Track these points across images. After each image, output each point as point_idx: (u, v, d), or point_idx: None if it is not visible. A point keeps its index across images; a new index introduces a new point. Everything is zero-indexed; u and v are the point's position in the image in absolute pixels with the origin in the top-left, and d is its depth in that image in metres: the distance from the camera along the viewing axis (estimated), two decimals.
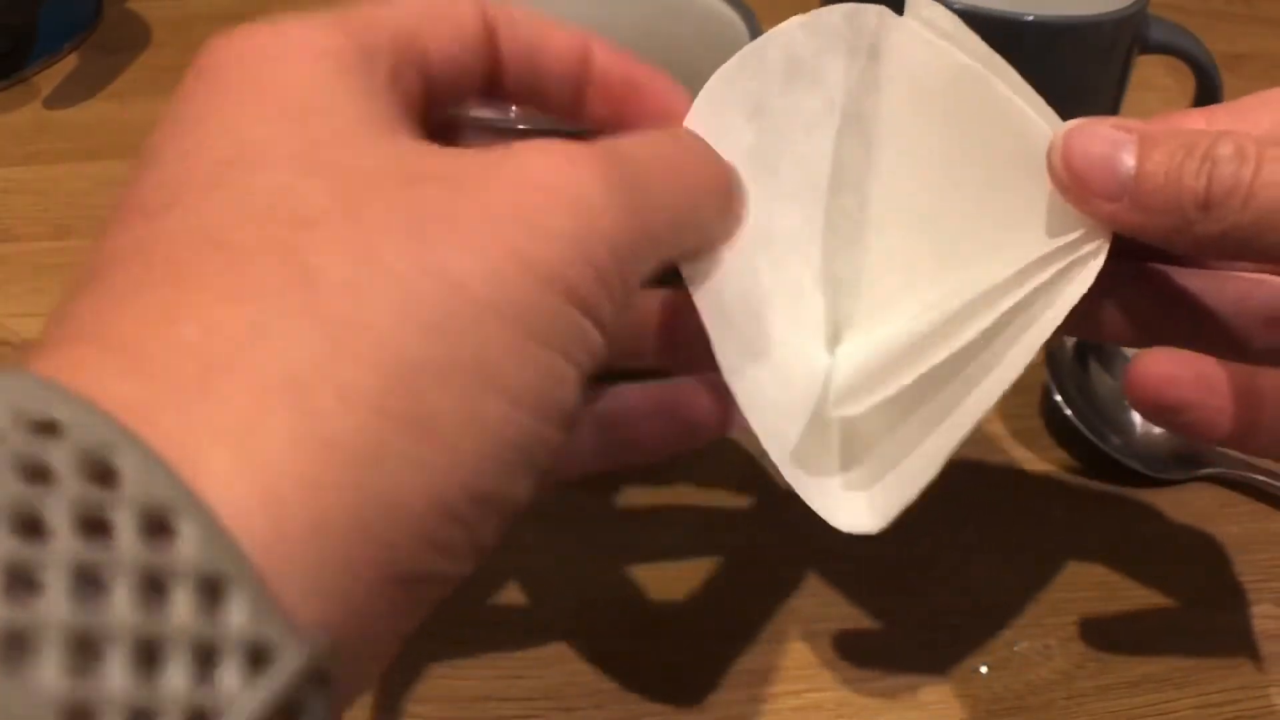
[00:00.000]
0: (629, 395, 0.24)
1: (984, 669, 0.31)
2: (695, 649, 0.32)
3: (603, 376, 0.18)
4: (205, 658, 0.12)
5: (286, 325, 0.14)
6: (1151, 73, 0.55)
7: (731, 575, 0.34)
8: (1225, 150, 0.20)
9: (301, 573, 0.13)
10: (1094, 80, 0.40)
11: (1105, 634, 0.32)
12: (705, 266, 0.22)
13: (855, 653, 0.32)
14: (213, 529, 0.13)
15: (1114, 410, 0.37)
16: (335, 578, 0.14)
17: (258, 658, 0.12)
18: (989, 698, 0.31)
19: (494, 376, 0.15)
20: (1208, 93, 0.43)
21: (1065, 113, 0.24)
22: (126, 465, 0.12)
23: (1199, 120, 0.23)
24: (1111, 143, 0.21)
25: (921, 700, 0.31)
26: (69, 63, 0.58)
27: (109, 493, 0.12)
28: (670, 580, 0.33)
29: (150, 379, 0.14)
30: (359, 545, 0.14)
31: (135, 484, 0.12)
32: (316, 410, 0.14)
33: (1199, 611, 0.33)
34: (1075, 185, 0.21)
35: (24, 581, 0.12)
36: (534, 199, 0.16)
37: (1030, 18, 0.38)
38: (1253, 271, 0.25)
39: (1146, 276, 0.25)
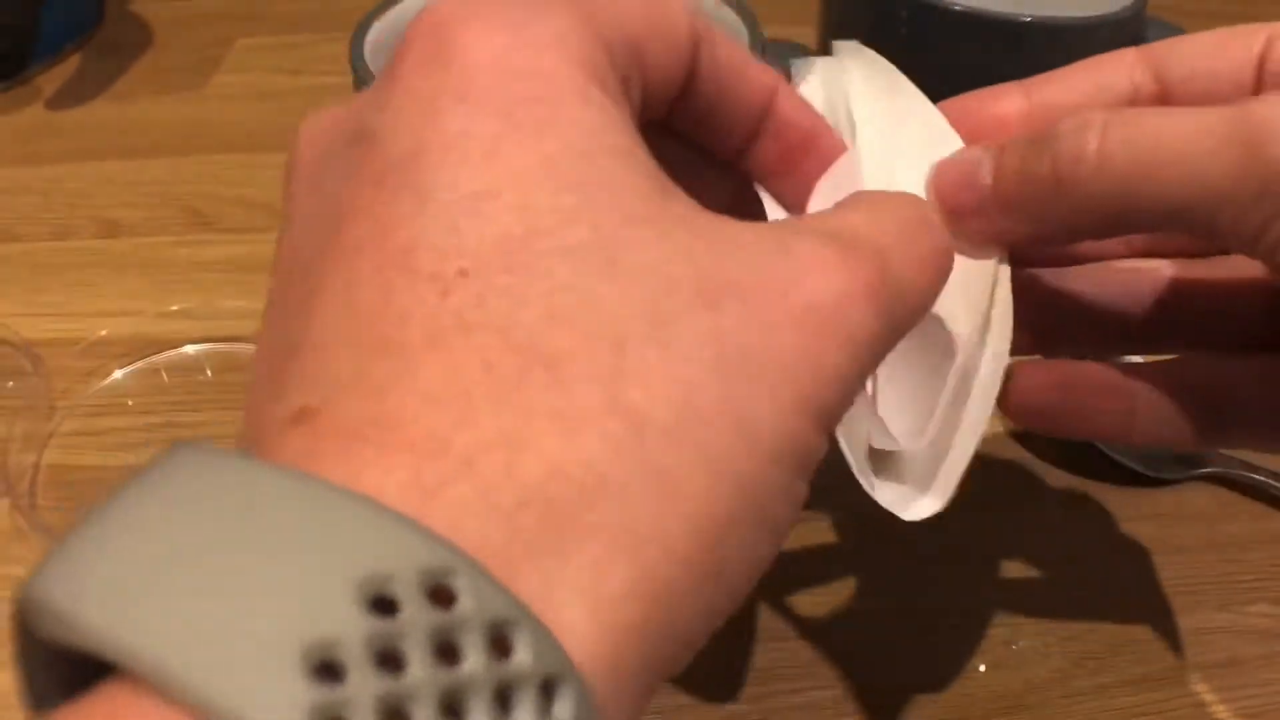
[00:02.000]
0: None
1: (983, 668, 0.32)
2: None
3: None
4: None
5: (620, 473, 0.14)
6: None
7: None
8: (1065, 126, 0.20)
9: (622, 707, 0.15)
10: None
11: (1104, 633, 0.33)
12: None
13: (855, 652, 0.32)
14: (584, 696, 0.13)
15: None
16: (642, 703, 0.15)
17: None
18: (988, 696, 0.31)
19: (771, 519, 0.16)
20: None
21: None
22: (522, 641, 0.13)
23: (1016, 94, 0.24)
24: (971, 162, 0.22)
25: (921, 699, 0.31)
26: (71, 63, 0.58)
27: (512, 669, 0.13)
28: None
29: (508, 525, 0.14)
30: (659, 674, 0.15)
31: (534, 660, 0.13)
32: (646, 564, 0.14)
33: (1197, 611, 0.33)
34: (947, 212, 0.22)
35: None
36: (822, 344, 0.16)
37: (1029, 18, 0.38)
38: (1130, 256, 0.26)
39: (1030, 284, 0.25)
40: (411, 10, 0.37)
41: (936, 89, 0.40)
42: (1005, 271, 0.23)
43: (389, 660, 0.12)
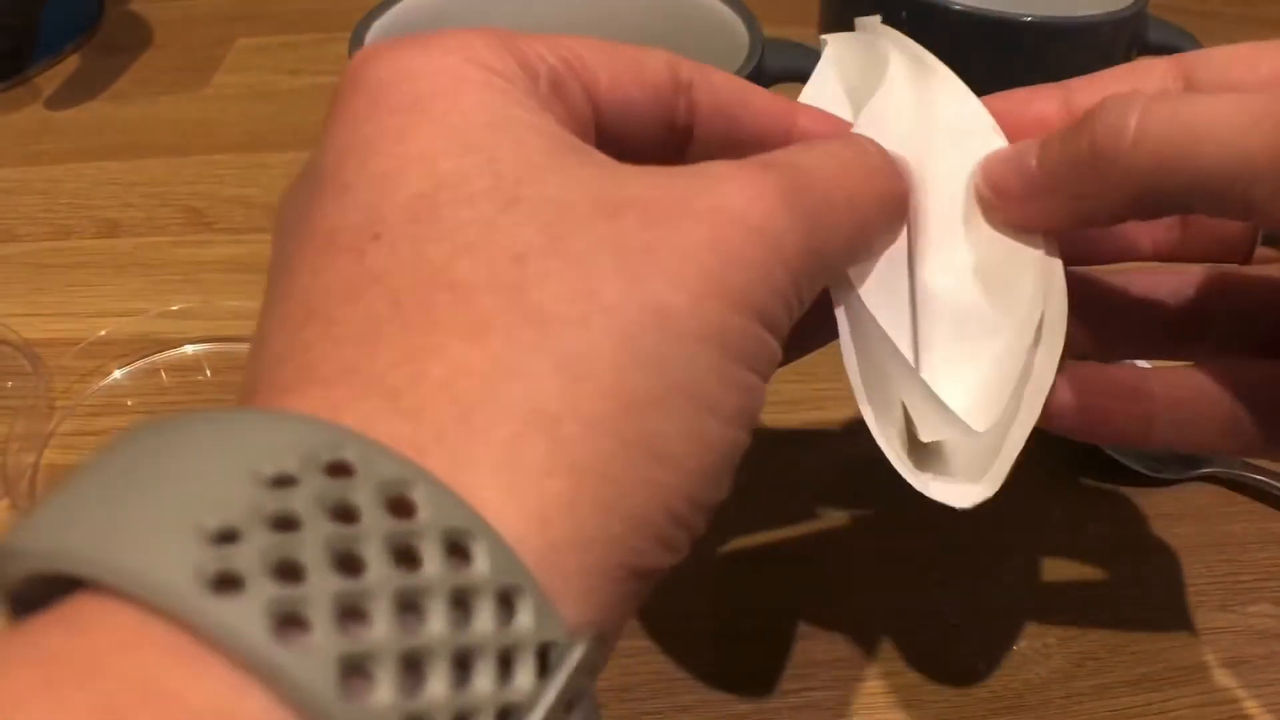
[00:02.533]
0: None
1: (983, 668, 0.32)
2: (693, 649, 0.32)
3: None
4: (505, 661, 0.14)
5: (526, 361, 0.15)
6: None
7: (728, 575, 0.34)
8: (1108, 102, 0.21)
9: (568, 581, 0.15)
10: None
11: (1104, 633, 0.33)
12: (853, 275, 0.22)
13: (854, 652, 0.32)
14: (501, 548, 0.14)
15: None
16: (594, 582, 0.15)
17: (544, 656, 0.14)
18: (988, 696, 0.31)
19: (705, 398, 0.17)
20: None
21: None
22: (421, 497, 0.14)
23: (1056, 95, 0.24)
24: (1017, 151, 0.23)
25: (920, 699, 0.31)
26: (70, 63, 0.58)
27: (411, 524, 0.14)
28: (667, 581, 0.34)
29: (413, 418, 0.15)
30: (611, 554, 0.16)
31: (432, 514, 0.14)
32: (565, 439, 0.15)
33: (1198, 611, 0.33)
34: (997, 198, 0.23)
35: (352, 613, 0.13)
36: (726, 231, 0.17)
37: (1029, 18, 0.38)
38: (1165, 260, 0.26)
39: (1087, 285, 0.26)
40: (411, 10, 0.37)
41: None
42: (1059, 268, 0.23)
43: (284, 524, 0.13)
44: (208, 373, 0.41)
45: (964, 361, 0.23)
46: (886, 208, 0.21)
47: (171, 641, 0.12)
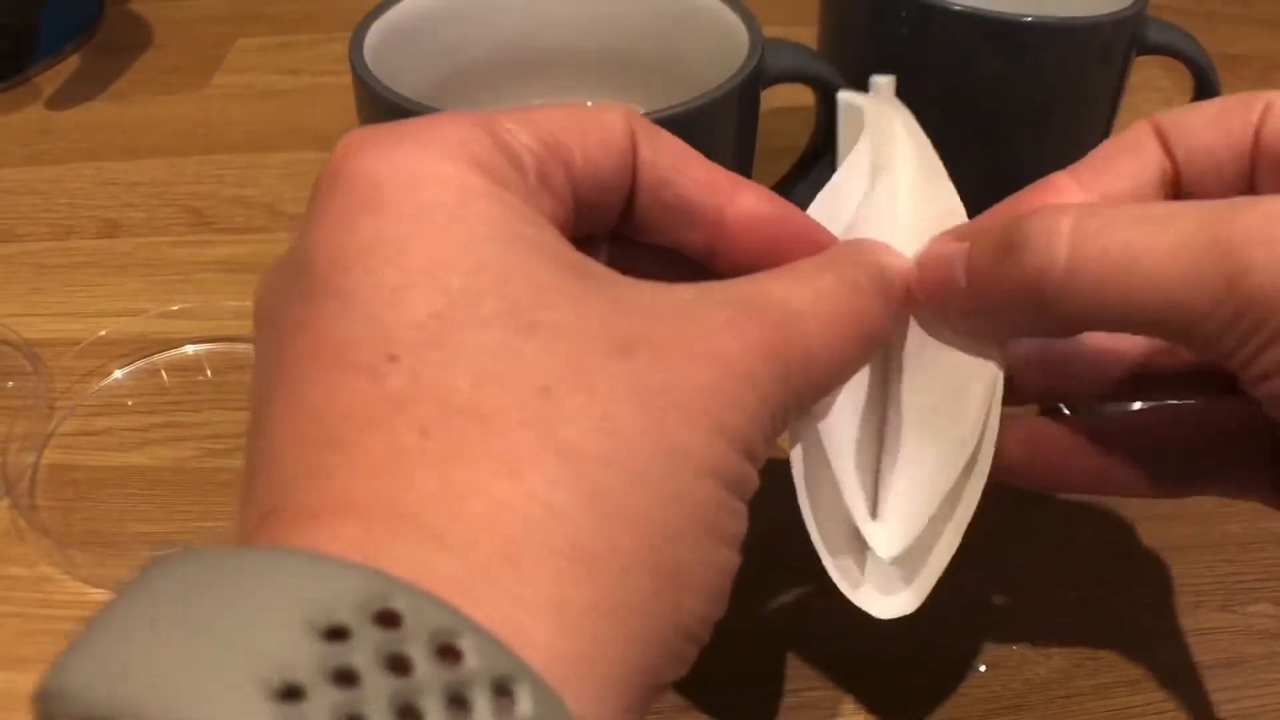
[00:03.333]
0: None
1: (983, 668, 0.32)
2: None
3: None
4: None
5: (563, 499, 0.16)
6: (1150, 74, 0.55)
7: None
8: (1032, 229, 0.20)
9: (607, 711, 0.16)
10: (1092, 81, 0.40)
11: (1104, 633, 0.33)
12: None
13: (854, 652, 0.32)
14: (544, 692, 0.14)
15: (1112, 410, 0.37)
16: (627, 710, 0.16)
17: None
18: (988, 696, 0.31)
19: (715, 528, 0.18)
20: (1206, 94, 0.43)
21: (1064, 114, 0.24)
22: (468, 645, 0.14)
23: (1071, 186, 0.23)
24: (946, 258, 0.22)
25: (920, 699, 0.31)
26: (71, 63, 0.58)
27: (461, 672, 0.14)
28: None
29: (458, 555, 0.15)
30: (645, 682, 0.16)
31: (480, 661, 0.14)
32: (604, 578, 0.16)
33: (1198, 611, 0.33)
34: (930, 303, 0.23)
35: None
36: (725, 376, 0.18)
37: (1029, 19, 0.38)
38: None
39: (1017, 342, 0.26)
40: (411, 10, 0.37)
41: (937, 89, 0.40)
42: (1000, 377, 0.23)
43: (345, 678, 0.13)
44: (208, 373, 0.41)
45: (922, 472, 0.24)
46: (866, 349, 0.21)
47: None
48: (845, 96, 0.27)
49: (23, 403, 0.39)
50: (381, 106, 0.32)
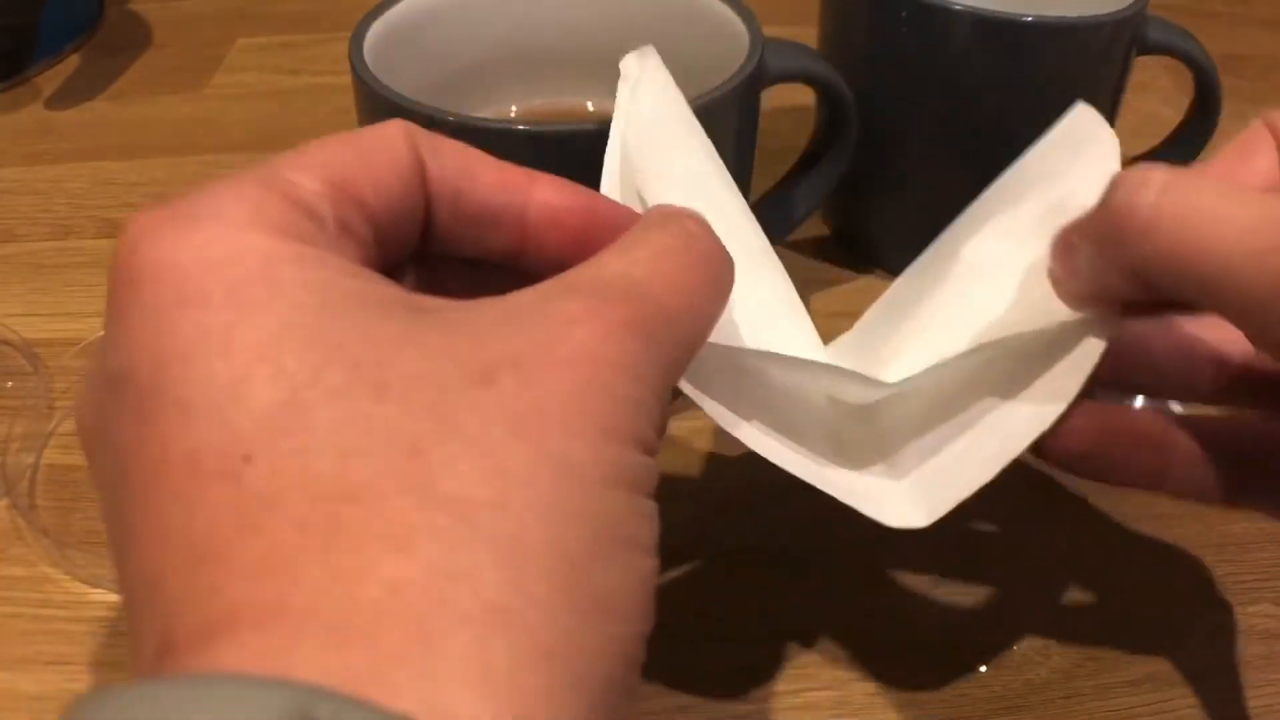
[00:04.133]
0: None
1: (983, 668, 0.32)
2: (693, 649, 0.32)
3: None
4: None
5: (462, 559, 0.15)
6: (1150, 74, 0.55)
7: (728, 575, 0.34)
8: (1125, 178, 0.20)
9: None
10: (1093, 81, 0.40)
11: (1104, 633, 0.32)
12: None
13: (854, 652, 0.32)
14: None
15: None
16: None
17: None
18: (988, 697, 0.31)
19: (627, 538, 0.17)
20: (1206, 94, 0.43)
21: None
22: None
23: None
24: (1070, 227, 0.23)
25: (920, 699, 0.31)
26: (70, 63, 0.58)
27: None
28: (668, 580, 0.34)
29: (365, 648, 0.14)
30: (588, 706, 0.15)
31: None
32: (526, 629, 0.15)
33: (1199, 611, 0.33)
34: (1060, 274, 0.23)
35: None
36: (596, 373, 0.17)
37: (1029, 18, 0.38)
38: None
39: None
40: (411, 10, 0.37)
41: (938, 89, 0.40)
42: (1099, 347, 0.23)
43: None
44: None
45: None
46: (721, 293, 0.21)
47: None
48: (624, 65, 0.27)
49: (23, 403, 0.39)
50: (381, 106, 0.32)
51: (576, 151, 0.28)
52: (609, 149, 0.26)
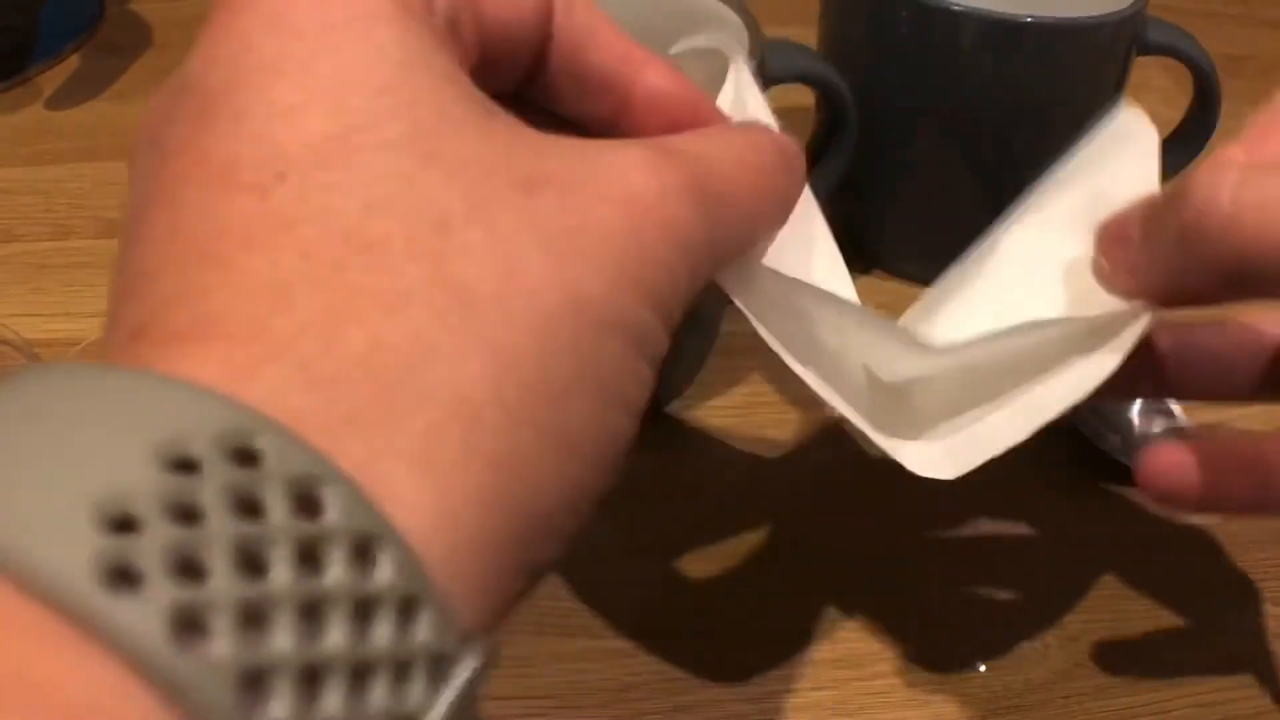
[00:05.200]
0: None
1: (983, 667, 0.32)
2: (695, 649, 0.32)
3: None
4: (400, 672, 0.13)
5: (449, 342, 0.15)
6: (1150, 74, 0.55)
7: (729, 575, 0.34)
8: (1199, 178, 0.20)
9: (469, 583, 0.14)
10: (1092, 81, 0.40)
11: (1103, 633, 0.33)
12: (745, 264, 0.22)
13: (854, 651, 0.32)
14: (407, 556, 0.13)
15: (1111, 409, 0.37)
16: (494, 583, 0.15)
17: (437, 667, 0.13)
18: (987, 696, 0.31)
19: (611, 389, 0.16)
20: (1206, 94, 0.43)
21: (1064, 114, 0.24)
22: (330, 497, 0.13)
23: (1235, 151, 0.23)
24: (1125, 215, 0.23)
25: (920, 698, 0.31)
26: (71, 63, 0.58)
27: (319, 525, 0.13)
28: (670, 580, 0.34)
29: (328, 396, 0.14)
30: (514, 553, 0.15)
31: (341, 517, 0.13)
32: (483, 429, 0.14)
33: (1198, 610, 0.33)
34: (1109, 267, 0.23)
35: (253, 619, 0.12)
36: (640, 222, 0.17)
37: (1029, 19, 0.38)
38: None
39: (1152, 333, 0.25)
40: None
41: (937, 89, 0.40)
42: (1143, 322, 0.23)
43: (187, 515, 0.12)
44: None
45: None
46: (779, 209, 0.21)
47: (48, 629, 0.11)
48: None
49: None
50: None
51: None
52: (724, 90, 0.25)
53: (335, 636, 0.13)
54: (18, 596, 0.11)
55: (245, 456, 0.13)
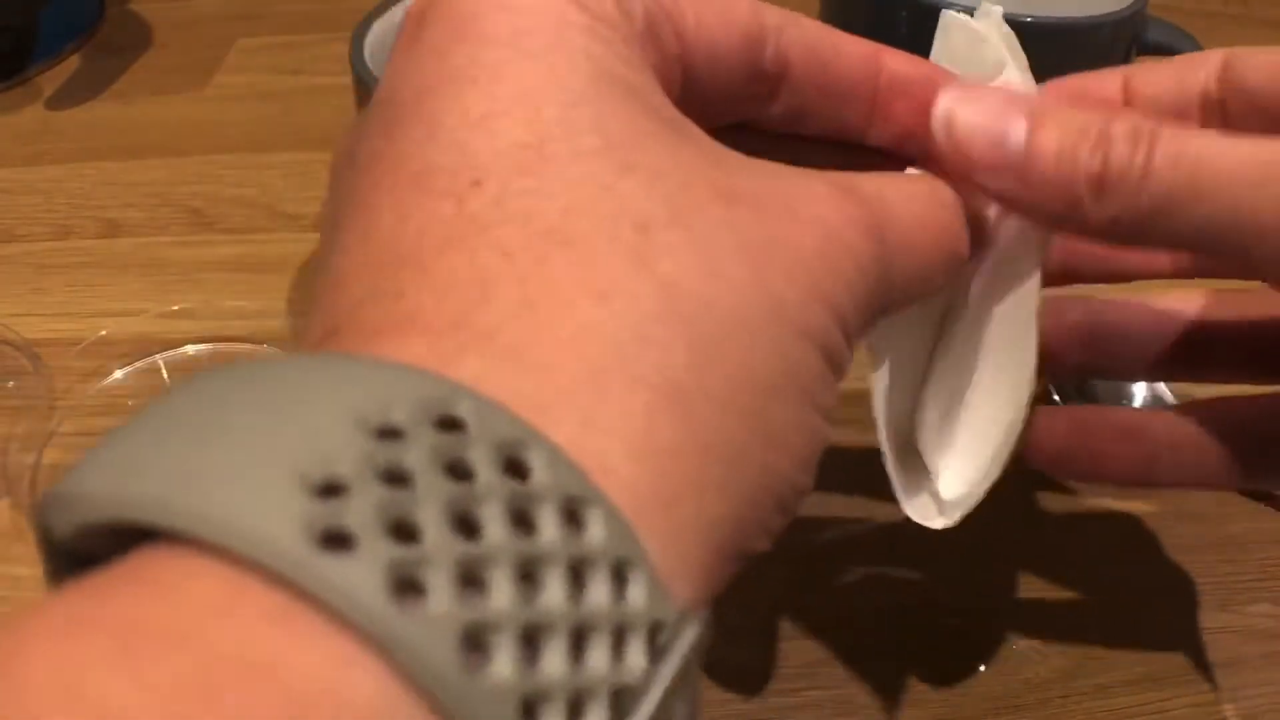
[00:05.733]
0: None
1: (983, 668, 0.32)
2: None
3: None
4: (617, 640, 0.13)
5: (657, 331, 0.15)
6: None
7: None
8: (1117, 130, 0.20)
9: (684, 562, 0.14)
10: None
11: (1103, 633, 0.33)
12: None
13: (854, 652, 0.32)
14: (617, 520, 0.13)
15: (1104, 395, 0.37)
16: (707, 565, 0.15)
17: (655, 636, 0.13)
18: (987, 696, 0.31)
19: (810, 391, 0.16)
20: None
21: None
22: (537, 461, 0.13)
23: (1116, 79, 0.24)
24: (998, 115, 0.20)
25: (920, 699, 0.31)
26: (71, 63, 0.58)
27: (527, 487, 0.13)
28: None
29: (536, 375, 0.14)
30: (727, 537, 0.15)
31: (549, 478, 0.13)
32: (695, 417, 0.14)
33: (1197, 611, 0.33)
34: (956, 155, 0.20)
35: (470, 579, 0.12)
36: (829, 244, 0.17)
37: (1029, 19, 0.38)
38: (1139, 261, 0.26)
39: (1060, 311, 0.26)
40: None
41: None
42: (1035, 302, 0.22)
43: (395, 478, 0.12)
44: None
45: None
46: (950, 262, 0.20)
47: (268, 606, 0.11)
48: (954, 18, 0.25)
49: (23, 403, 0.39)
50: None
51: None
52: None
53: (553, 595, 0.12)
54: (227, 570, 0.11)
55: (449, 423, 0.13)
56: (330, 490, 0.12)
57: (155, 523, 0.11)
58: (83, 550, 0.12)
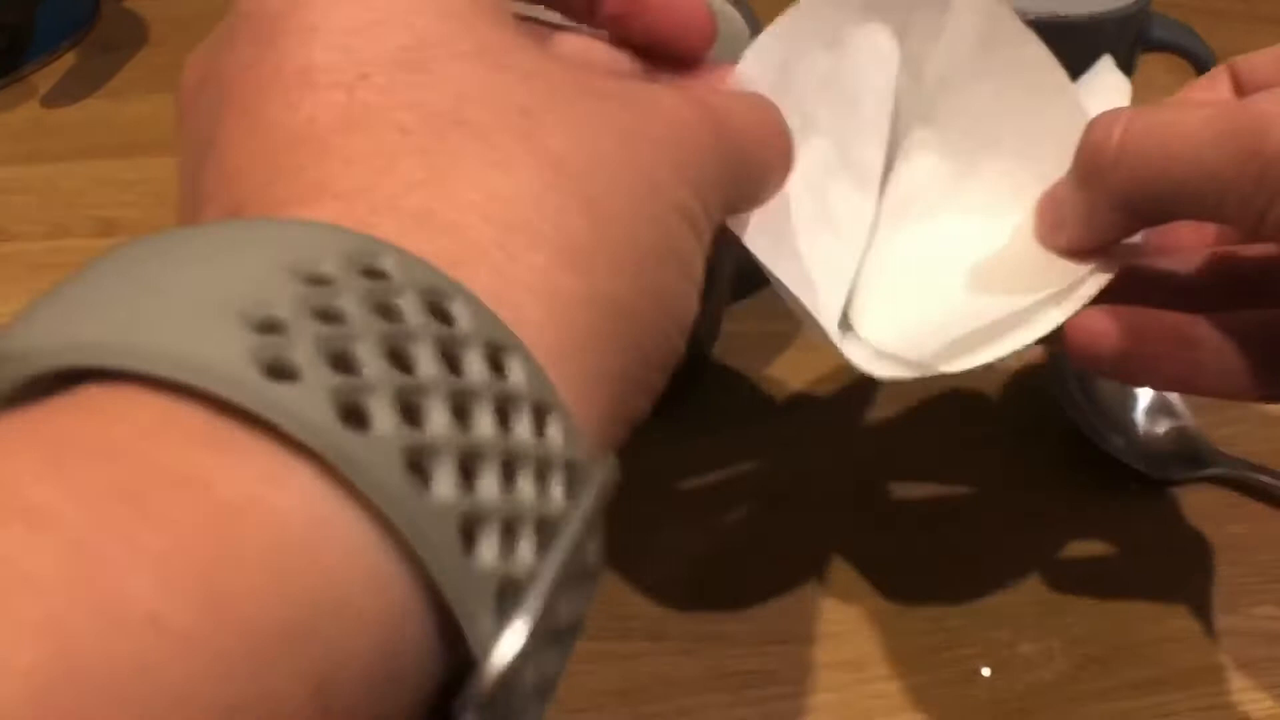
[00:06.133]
0: None
1: (986, 671, 0.31)
2: (694, 650, 0.32)
3: None
4: (541, 473, 0.14)
5: (554, 199, 0.16)
6: (1153, 71, 0.55)
7: (729, 576, 0.34)
8: (1095, 120, 0.23)
9: (590, 412, 0.15)
10: None
11: (1107, 636, 0.32)
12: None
13: (855, 653, 0.32)
14: (534, 366, 0.14)
15: (1116, 410, 0.37)
16: (608, 416, 0.16)
17: (572, 475, 0.14)
18: (990, 699, 0.31)
19: (686, 263, 0.18)
20: None
21: None
22: (459, 309, 0.13)
23: (1221, 83, 0.26)
24: (1055, 184, 0.25)
25: (922, 702, 0.31)
26: (66, 61, 0.58)
27: (454, 330, 0.13)
28: (667, 582, 0.33)
29: (450, 233, 0.15)
30: (624, 392, 0.16)
31: (473, 324, 0.13)
32: (596, 274, 0.16)
33: (1202, 613, 0.33)
34: (1042, 228, 0.25)
35: (408, 409, 0.12)
36: (685, 136, 0.18)
37: (1031, 17, 0.38)
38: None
39: None
40: None
41: None
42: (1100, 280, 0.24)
43: (330, 317, 0.13)
44: None
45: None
46: (785, 168, 0.23)
47: (203, 428, 0.11)
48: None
49: None
50: None
51: None
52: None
53: (484, 428, 0.13)
54: (163, 398, 0.11)
55: (374, 273, 0.13)
56: (270, 328, 0.12)
57: (97, 363, 0.12)
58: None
